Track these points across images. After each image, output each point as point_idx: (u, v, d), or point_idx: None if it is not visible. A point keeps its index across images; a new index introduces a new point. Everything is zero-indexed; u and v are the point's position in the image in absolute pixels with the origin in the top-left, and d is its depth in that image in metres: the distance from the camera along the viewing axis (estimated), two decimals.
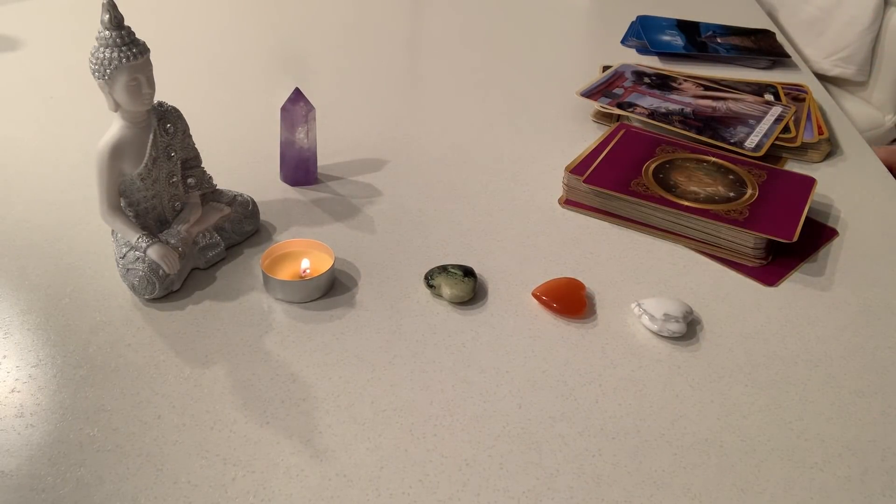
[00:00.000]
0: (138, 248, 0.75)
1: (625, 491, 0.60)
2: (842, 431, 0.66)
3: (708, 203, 0.88)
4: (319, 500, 0.58)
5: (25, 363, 0.69)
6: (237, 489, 0.59)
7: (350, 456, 0.62)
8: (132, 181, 0.75)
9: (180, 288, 0.78)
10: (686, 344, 0.74)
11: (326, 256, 0.80)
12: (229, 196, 0.85)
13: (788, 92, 1.19)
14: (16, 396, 0.66)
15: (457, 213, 0.92)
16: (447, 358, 0.71)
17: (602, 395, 0.68)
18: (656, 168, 0.94)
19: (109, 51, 0.70)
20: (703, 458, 0.63)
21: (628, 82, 1.19)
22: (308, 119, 0.92)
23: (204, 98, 1.14)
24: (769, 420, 0.67)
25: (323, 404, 0.66)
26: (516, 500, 0.59)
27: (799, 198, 0.90)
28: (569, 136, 1.08)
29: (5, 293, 0.77)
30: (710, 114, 1.10)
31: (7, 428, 0.63)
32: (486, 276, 0.81)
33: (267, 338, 0.72)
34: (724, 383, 0.70)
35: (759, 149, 1.02)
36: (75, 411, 0.64)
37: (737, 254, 0.85)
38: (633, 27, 1.45)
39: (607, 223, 0.91)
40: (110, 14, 0.70)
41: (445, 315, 0.76)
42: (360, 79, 1.25)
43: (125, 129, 0.74)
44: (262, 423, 0.64)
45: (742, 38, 1.40)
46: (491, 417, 0.66)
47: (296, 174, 0.95)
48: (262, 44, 1.37)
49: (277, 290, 0.77)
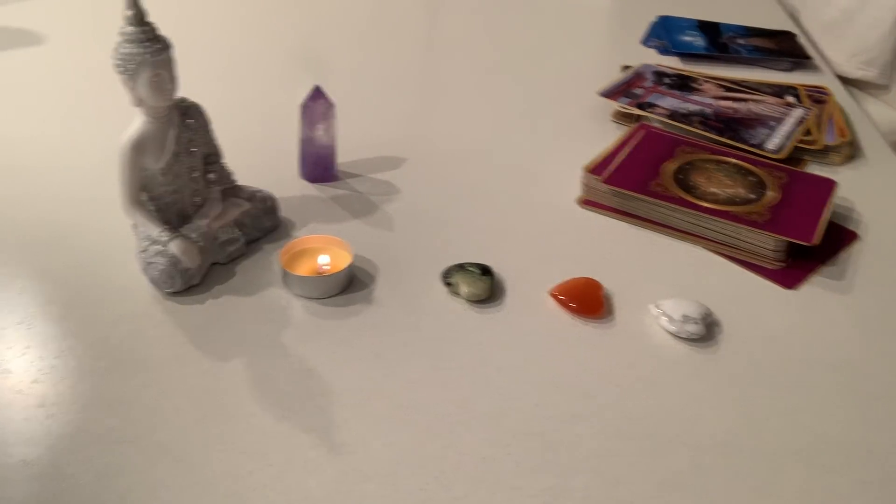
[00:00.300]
0: (160, 241, 0.75)
1: (641, 492, 0.60)
2: (861, 436, 0.65)
3: (728, 204, 0.88)
4: (336, 494, 0.59)
5: (48, 354, 0.70)
6: (254, 482, 0.59)
7: (366, 451, 0.62)
8: (154, 176, 0.76)
9: (200, 282, 0.78)
10: (704, 346, 0.74)
11: (345, 253, 0.80)
12: (249, 192, 0.85)
13: (810, 94, 1.18)
14: (38, 387, 0.66)
15: (475, 211, 0.92)
16: (464, 356, 0.71)
17: (619, 395, 0.68)
18: (676, 169, 0.94)
19: (133, 46, 0.71)
20: (721, 460, 0.63)
21: (648, 83, 1.18)
22: (328, 116, 0.92)
23: (225, 94, 1.14)
24: (787, 423, 0.66)
25: (340, 399, 0.66)
26: (532, 498, 0.59)
27: (820, 200, 0.89)
28: (588, 136, 1.08)
29: (29, 285, 0.77)
30: (730, 115, 1.10)
31: (29, 417, 0.63)
32: (503, 275, 0.81)
33: (285, 333, 0.73)
34: (743, 386, 0.70)
35: (780, 151, 1.01)
36: (96, 402, 0.65)
37: (756, 256, 0.85)
38: (654, 28, 1.45)
39: (626, 223, 0.91)
40: (133, 10, 0.71)
41: (462, 313, 0.76)
42: (380, 77, 1.25)
43: (147, 124, 0.74)
44: (280, 417, 0.64)
45: (764, 40, 1.39)
46: (507, 416, 0.66)
47: (315, 171, 0.95)
48: (283, 41, 1.37)
49: (296, 286, 0.77)
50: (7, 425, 0.63)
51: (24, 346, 0.70)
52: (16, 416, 0.63)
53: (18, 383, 0.67)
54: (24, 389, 0.66)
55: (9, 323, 0.73)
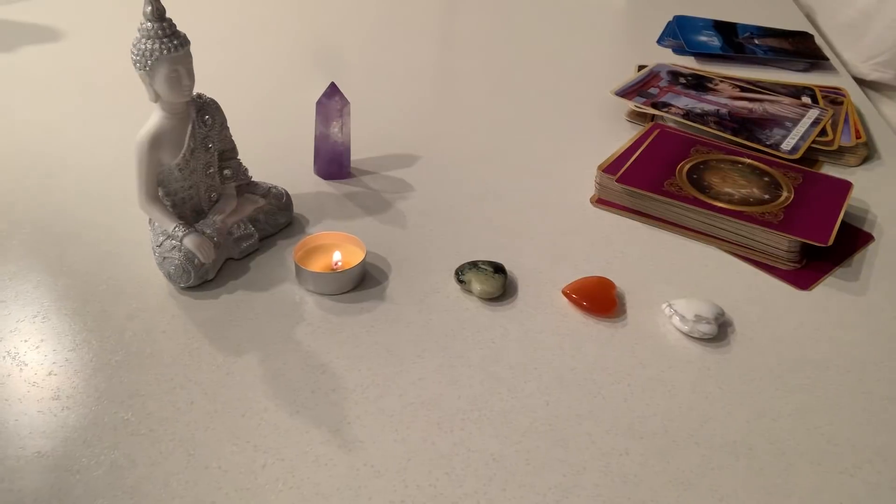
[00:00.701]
0: (175, 237, 0.76)
1: (651, 491, 0.60)
2: (872, 437, 0.65)
3: (742, 205, 0.87)
4: (347, 489, 0.59)
5: (62, 347, 0.70)
6: (266, 476, 0.59)
7: (378, 447, 0.62)
8: (170, 171, 0.76)
9: (214, 277, 0.79)
10: (717, 346, 0.74)
11: (358, 250, 0.80)
12: (264, 188, 0.86)
13: (826, 95, 1.18)
14: (53, 379, 0.67)
15: (488, 209, 0.92)
16: (476, 353, 0.72)
17: (631, 394, 0.68)
18: (690, 169, 0.94)
19: (151, 42, 0.71)
20: (732, 460, 0.63)
21: (663, 82, 1.18)
22: (343, 113, 0.92)
23: (241, 91, 1.15)
24: (799, 424, 0.66)
25: (352, 395, 0.67)
26: (542, 495, 0.59)
27: (835, 201, 0.89)
28: (602, 136, 1.08)
29: (44, 279, 0.78)
30: (746, 115, 1.09)
31: (44, 410, 0.64)
32: (516, 273, 0.81)
33: (298, 328, 0.73)
34: (755, 386, 0.70)
35: (795, 151, 1.01)
36: (110, 395, 0.66)
37: (770, 256, 0.85)
38: (670, 27, 1.44)
39: (639, 223, 0.91)
40: (152, 6, 0.71)
41: (475, 311, 0.77)
42: (394, 74, 1.26)
43: (164, 119, 0.75)
44: (293, 411, 0.65)
45: (780, 40, 1.38)
46: (518, 413, 0.66)
47: (329, 168, 0.96)
48: (299, 38, 1.38)
49: (309, 282, 0.78)
50: (22, 417, 0.63)
51: (40, 339, 0.71)
52: (31, 409, 0.64)
53: (34, 376, 0.67)
54: (39, 382, 0.67)
55: (24, 316, 0.74)
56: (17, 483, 0.58)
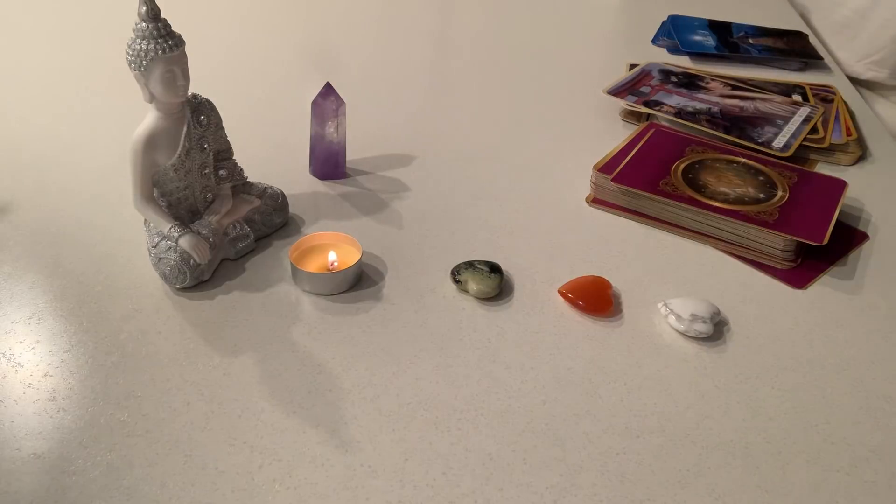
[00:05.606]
0: (170, 237, 0.76)
1: (648, 490, 0.60)
2: (868, 436, 0.65)
3: (737, 204, 0.88)
4: (344, 489, 0.59)
5: (58, 348, 0.70)
6: (263, 476, 0.59)
7: (375, 447, 0.62)
8: (165, 172, 0.76)
9: (210, 278, 0.78)
10: (713, 345, 0.74)
11: (354, 250, 0.80)
12: (259, 188, 0.86)
13: (817, 93, 1.18)
14: (48, 381, 0.67)
15: (484, 209, 0.92)
16: (472, 353, 0.72)
17: (627, 393, 0.68)
18: (685, 168, 0.94)
19: (146, 42, 0.71)
20: (728, 459, 0.63)
21: (655, 80, 1.18)
22: (338, 113, 0.92)
23: (236, 91, 1.15)
24: (795, 423, 0.66)
25: (349, 396, 0.66)
26: (539, 495, 0.59)
27: (829, 200, 0.89)
28: (597, 135, 1.08)
29: (39, 280, 0.78)
30: (737, 113, 1.10)
31: (40, 411, 0.64)
32: (512, 273, 0.81)
33: (294, 329, 0.73)
34: (751, 385, 0.70)
35: (787, 149, 1.01)
36: (106, 396, 0.65)
37: (766, 256, 0.85)
38: (664, 27, 1.45)
39: (635, 222, 0.91)
40: (147, 6, 0.71)
41: (471, 310, 0.77)
42: (390, 74, 1.26)
43: (159, 120, 0.75)
44: (289, 412, 0.65)
45: (774, 40, 1.39)
46: (515, 413, 0.66)
47: (325, 168, 0.96)
48: (294, 38, 1.38)
49: (305, 282, 0.77)
50: (18, 419, 0.63)
51: (35, 341, 0.71)
52: (26, 410, 0.64)
53: (29, 377, 0.67)
54: (34, 383, 0.66)
55: (20, 317, 0.73)
56: (14, 485, 0.58)
